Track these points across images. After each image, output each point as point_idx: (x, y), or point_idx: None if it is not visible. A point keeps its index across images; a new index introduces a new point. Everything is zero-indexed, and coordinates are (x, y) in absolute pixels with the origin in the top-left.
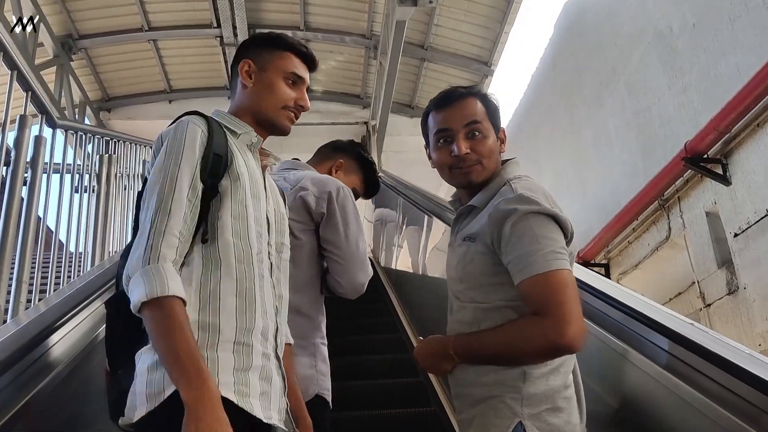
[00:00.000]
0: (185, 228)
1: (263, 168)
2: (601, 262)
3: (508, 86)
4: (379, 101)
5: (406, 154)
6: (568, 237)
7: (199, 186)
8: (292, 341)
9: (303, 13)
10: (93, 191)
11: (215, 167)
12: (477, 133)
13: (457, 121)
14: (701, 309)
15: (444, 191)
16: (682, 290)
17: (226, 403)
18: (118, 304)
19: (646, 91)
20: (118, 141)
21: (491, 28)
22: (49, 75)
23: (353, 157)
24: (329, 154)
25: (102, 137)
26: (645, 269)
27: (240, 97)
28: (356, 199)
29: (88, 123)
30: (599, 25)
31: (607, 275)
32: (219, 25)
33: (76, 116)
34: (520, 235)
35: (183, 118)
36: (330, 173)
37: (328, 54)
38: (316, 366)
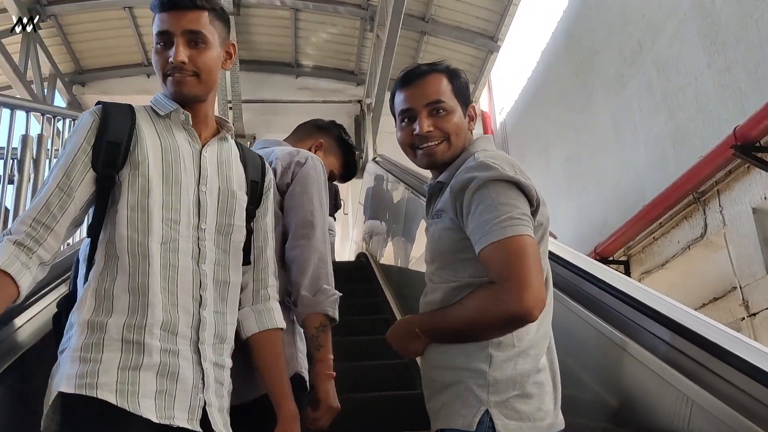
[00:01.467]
0: (46, 215)
1: (205, 142)
2: (621, 259)
3: (515, 63)
4: (375, 78)
5: None
6: (533, 205)
7: (79, 175)
8: (282, 326)
9: None
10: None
11: (109, 156)
12: (441, 111)
13: (419, 99)
14: (744, 318)
15: None
16: (719, 295)
17: (105, 405)
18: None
19: (680, 69)
20: (65, 119)
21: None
22: (14, 45)
23: (334, 138)
24: (309, 132)
25: (42, 114)
26: (673, 269)
27: None
28: (331, 181)
29: (59, 97)
30: None
31: (627, 273)
32: None
33: (45, 90)
34: (478, 203)
35: (86, 111)
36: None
37: (320, 26)
38: (296, 344)
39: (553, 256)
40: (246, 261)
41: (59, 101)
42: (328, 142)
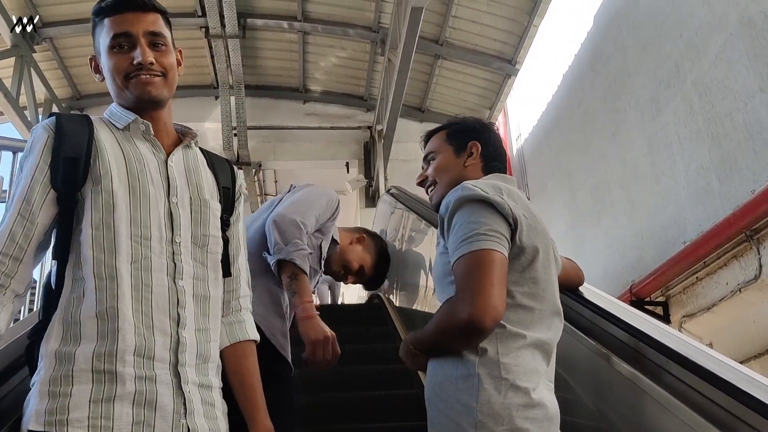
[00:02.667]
0: (12, 247)
1: (168, 152)
2: (658, 300)
3: (534, 87)
4: (386, 103)
5: (414, 163)
6: (510, 221)
7: (39, 198)
8: (254, 337)
9: (301, 0)
10: None
11: (67, 173)
12: (429, 158)
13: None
14: None
15: None
16: None
17: None
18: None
19: (726, 93)
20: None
21: (518, 21)
22: (5, 69)
23: (376, 243)
24: (359, 230)
25: None
26: (719, 313)
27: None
28: (356, 282)
29: None
30: (657, 14)
31: (665, 317)
32: (204, 14)
33: (40, 117)
34: (454, 224)
35: (37, 124)
36: (350, 242)
37: (329, 49)
38: (271, 319)
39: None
40: (226, 273)
41: None
42: (370, 242)
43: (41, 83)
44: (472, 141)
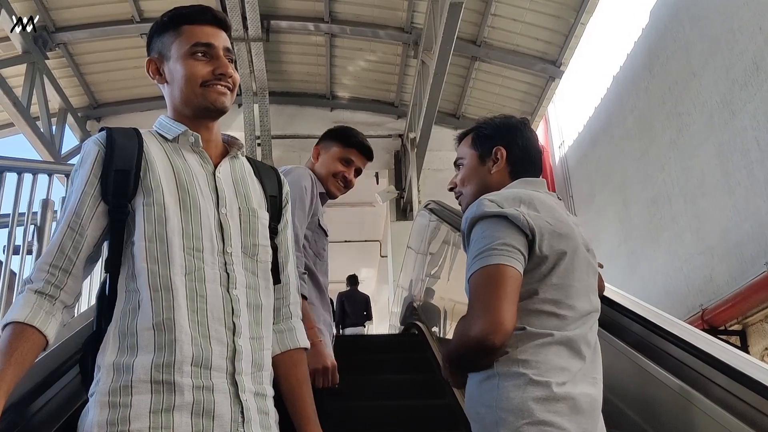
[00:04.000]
0: (62, 259)
1: (216, 163)
2: (734, 329)
3: (580, 90)
4: (419, 110)
5: (448, 173)
6: (526, 233)
7: (89, 211)
8: (305, 345)
9: (328, 0)
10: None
11: (118, 186)
12: (459, 166)
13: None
14: None
15: None
16: None
17: None
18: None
19: None
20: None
21: (564, 18)
22: (16, 78)
23: (325, 137)
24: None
25: (66, 176)
26: None
27: (166, 97)
28: (353, 165)
29: (71, 134)
30: (728, 5)
31: (744, 349)
32: (226, 15)
33: (53, 127)
34: (471, 241)
35: (89, 139)
36: (317, 162)
37: (357, 53)
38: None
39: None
40: (276, 280)
41: (70, 138)
42: (322, 143)
43: (55, 91)
44: (497, 146)
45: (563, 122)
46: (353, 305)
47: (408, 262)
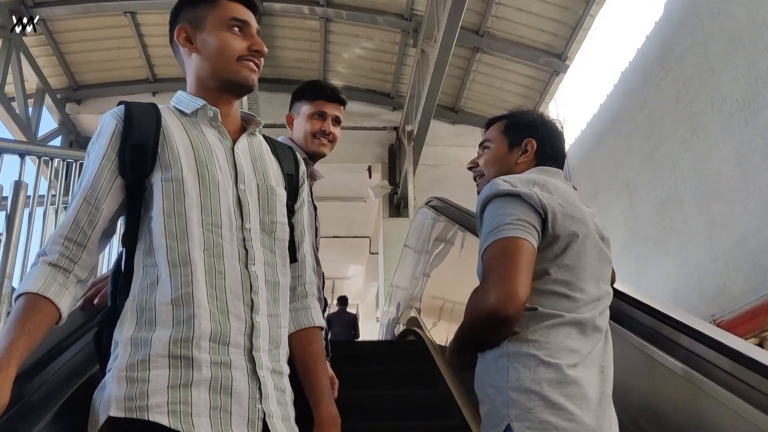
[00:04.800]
0: (77, 233)
1: (235, 139)
2: (752, 343)
3: (584, 86)
4: (417, 101)
5: (444, 168)
6: (539, 211)
7: (106, 185)
8: (320, 324)
9: None
10: None
11: (135, 160)
12: (484, 146)
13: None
14: None
15: None
16: None
17: (157, 428)
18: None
19: None
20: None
21: (572, 9)
22: None
23: (292, 101)
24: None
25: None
26: None
27: (190, 69)
28: (328, 116)
29: (49, 116)
30: None
31: None
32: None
33: (29, 108)
34: (484, 221)
35: (106, 112)
36: (289, 136)
37: (353, 39)
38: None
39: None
40: (293, 259)
41: (48, 121)
42: (292, 109)
43: (32, 70)
44: (529, 138)
45: (566, 119)
46: (340, 325)
47: (405, 261)
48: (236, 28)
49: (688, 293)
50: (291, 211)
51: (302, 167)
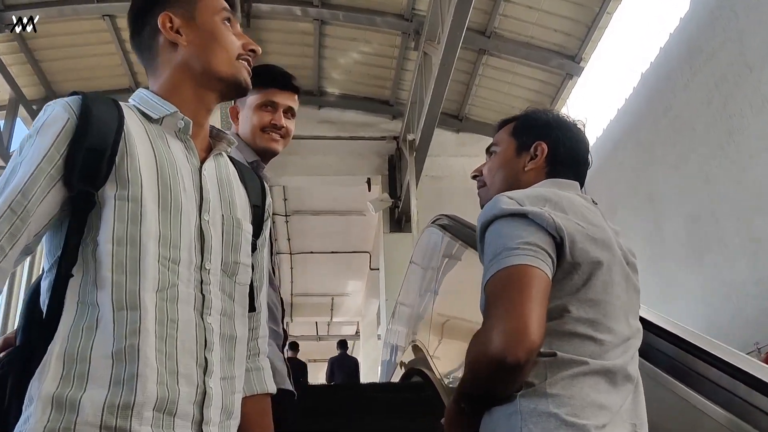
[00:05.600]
0: None
1: (202, 158)
2: None
3: (602, 90)
4: (419, 108)
5: (447, 180)
6: (552, 233)
7: (41, 192)
8: (272, 390)
9: None
10: None
11: (88, 168)
12: (491, 153)
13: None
14: None
15: None
16: None
17: None
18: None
19: None
20: None
21: (587, 7)
22: None
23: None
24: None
25: None
26: None
27: (168, 64)
28: (279, 107)
29: (23, 127)
30: None
31: None
32: None
33: (1, 121)
34: (485, 245)
35: (54, 101)
36: (236, 123)
37: (350, 43)
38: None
39: None
40: (251, 307)
41: (22, 131)
42: (237, 101)
43: (3, 79)
44: (540, 141)
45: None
46: (342, 370)
47: (409, 288)
48: (227, 22)
49: (724, 318)
50: (253, 249)
51: (269, 198)
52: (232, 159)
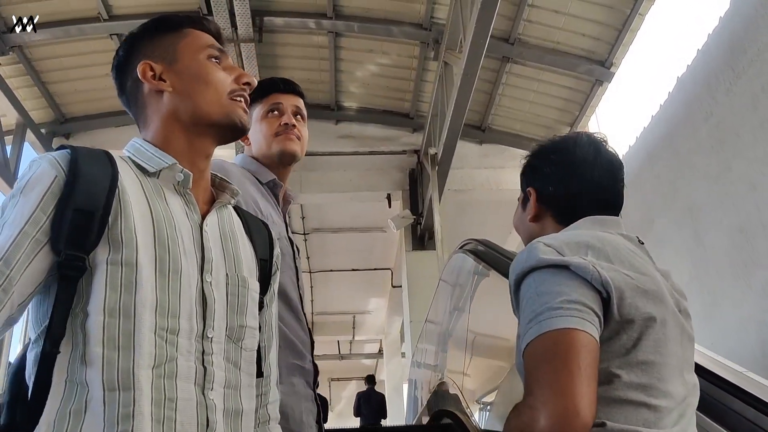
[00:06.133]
0: None
1: (203, 213)
2: None
3: (634, 96)
4: (440, 120)
5: (471, 194)
6: (598, 288)
7: (25, 259)
8: None
9: None
10: None
11: (77, 230)
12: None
13: None
14: None
15: None
16: None
17: None
18: None
19: None
20: None
21: (617, 9)
22: None
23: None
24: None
25: None
26: None
27: (157, 112)
28: (285, 109)
29: (33, 152)
30: None
31: None
32: (210, 12)
33: (6, 147)
34: (520, 302)
35: (40, 155)
36: (248, 154)
37: (366, 55)
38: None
39: None
40: (258, 373)
41: (30, 156)
42: (255, 127)
43: (10, 103)
44: (529, 185)
45: (607, 132)
46: (369, 405)
47: (437, 316)
48: (215, 59)
49: None
50: (260, 307)
51: (277, 249)
52: (237, 208)
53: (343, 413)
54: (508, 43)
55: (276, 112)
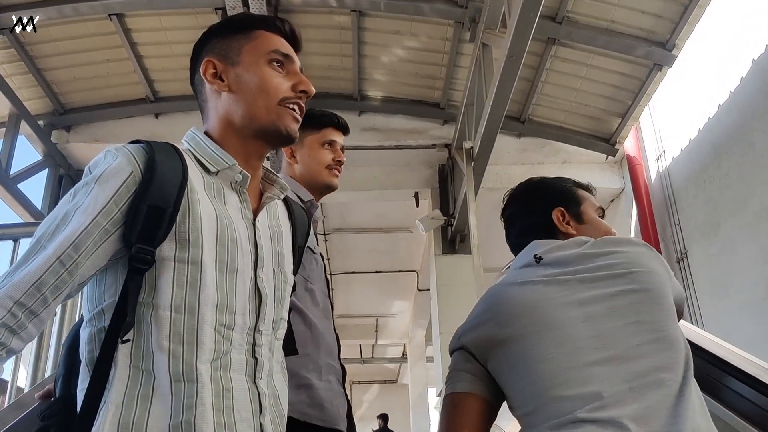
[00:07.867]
0: (34, 298)
1: (256, 209)
2: None
3: (699, 82)
4: (477, 110)
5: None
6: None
7: (92, 246)
8: None
9: None
10: None
11: (149, 226)
12: None
13: None
14: None
15: None
16: None
17: None
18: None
19: None
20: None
21: None
22: None
23: (305, 130)
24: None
25: None
26: None
27: (216, 109)
28: (337, 145)
29: (29, 145)
30: None
31: None
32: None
33: (0, 140)
34: None
35: (116, 147)
36: (289, 172)
37: (393, 37)
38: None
39: None
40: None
41: (29, 152)
42: (303, 139)
43: (1, 92)
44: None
45: (663, 124)
46: None
47: None
48: (277, 64)
49: None
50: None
51: (312, 238)
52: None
53: (364, 417)
54: (554, 22)
55: (330, 146)
